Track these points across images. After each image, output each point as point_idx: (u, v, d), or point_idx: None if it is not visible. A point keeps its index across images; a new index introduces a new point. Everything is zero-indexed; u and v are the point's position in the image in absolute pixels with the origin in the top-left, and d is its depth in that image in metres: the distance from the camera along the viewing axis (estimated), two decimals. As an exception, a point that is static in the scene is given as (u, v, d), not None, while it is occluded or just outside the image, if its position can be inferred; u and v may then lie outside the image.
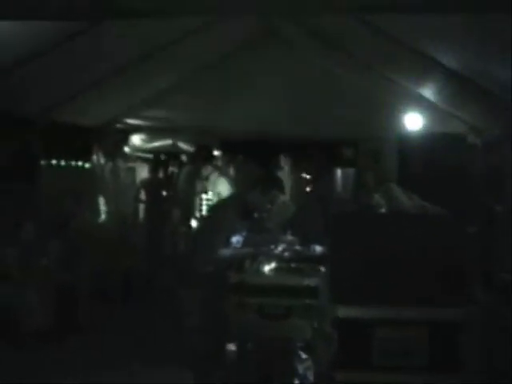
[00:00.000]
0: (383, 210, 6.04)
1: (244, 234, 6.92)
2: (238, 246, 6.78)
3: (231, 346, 6.36)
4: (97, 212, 12.06)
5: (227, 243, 6.57)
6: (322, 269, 6.15)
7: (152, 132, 13.22)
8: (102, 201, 12.18)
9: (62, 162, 11.61)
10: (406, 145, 10.07)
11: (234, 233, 6.77)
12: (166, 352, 8.04)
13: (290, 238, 7.16)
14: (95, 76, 9.63)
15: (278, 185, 7.41)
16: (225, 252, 6.37)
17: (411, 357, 4.98)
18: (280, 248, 6.85)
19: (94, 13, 5.42)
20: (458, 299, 4.97)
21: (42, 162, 10.84)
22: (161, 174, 13.25)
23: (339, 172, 7.78)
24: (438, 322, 4.96)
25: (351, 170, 7.74)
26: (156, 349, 8.31)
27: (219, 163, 13.57)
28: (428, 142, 9.84)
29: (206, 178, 12.72)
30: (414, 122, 10.81)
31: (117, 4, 5.17)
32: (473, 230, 6.04)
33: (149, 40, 8.97)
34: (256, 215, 6.77)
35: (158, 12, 5.43)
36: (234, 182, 12.11)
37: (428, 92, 10.10)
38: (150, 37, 8.78)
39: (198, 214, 10.94)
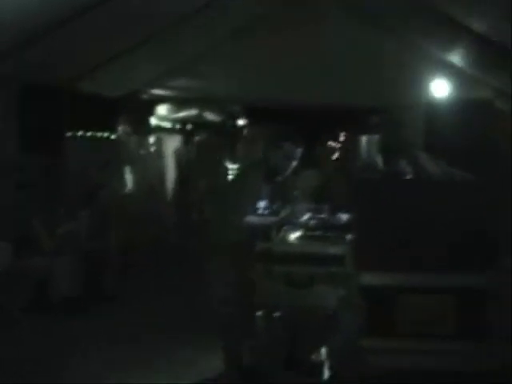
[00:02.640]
0: (409, 177, 6.01)
1: (270, 201, 6.89)
2: (265, 213, 6.76)
3: (259, 314, 6.39)
4: (124, 182, 12.11)
5: (253, 210, 6.52)
6: (348, 237, 6.14)
7: (178, 102, 13.22)
8: (128, 171, 12.23)
9: (88, 134, 11.60)
10: (433, 111, 10.00)
11: (260, 199, 6.72)
12: (194, 321, 8.09)
13: (315, 206, 7.14)
14: (120, 45, 9.59)
15: (292, 137, 7.16)
16: (251, 219, 6.33)
17: (438, 324, 4.97)
18: (306, 216, 6.84)
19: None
20: (486, 266, 4.93)
21: (68, 134, 10.86)
22: (187, 144, 13.26)
23: (364, 139, 7.72)
24: (466, 289, 4.94)
25: (376, 137, 7.68)
26: (184, 318, 8.37)
27: (245, 132, 13.58)
28: (455, 109, 9.76)
29: (233, 147, 12.76)
30: (440, 88, 10.70)
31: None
32: (502, 197, 5.97)
33: (174, 9, 8.92)
34: (280, 178, 6.59)
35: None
36: (259, 148, 12.11)
37: (455, 57, 9.96)
38: (176, 6, 8.72)
39: (224, 183, 10.94)
